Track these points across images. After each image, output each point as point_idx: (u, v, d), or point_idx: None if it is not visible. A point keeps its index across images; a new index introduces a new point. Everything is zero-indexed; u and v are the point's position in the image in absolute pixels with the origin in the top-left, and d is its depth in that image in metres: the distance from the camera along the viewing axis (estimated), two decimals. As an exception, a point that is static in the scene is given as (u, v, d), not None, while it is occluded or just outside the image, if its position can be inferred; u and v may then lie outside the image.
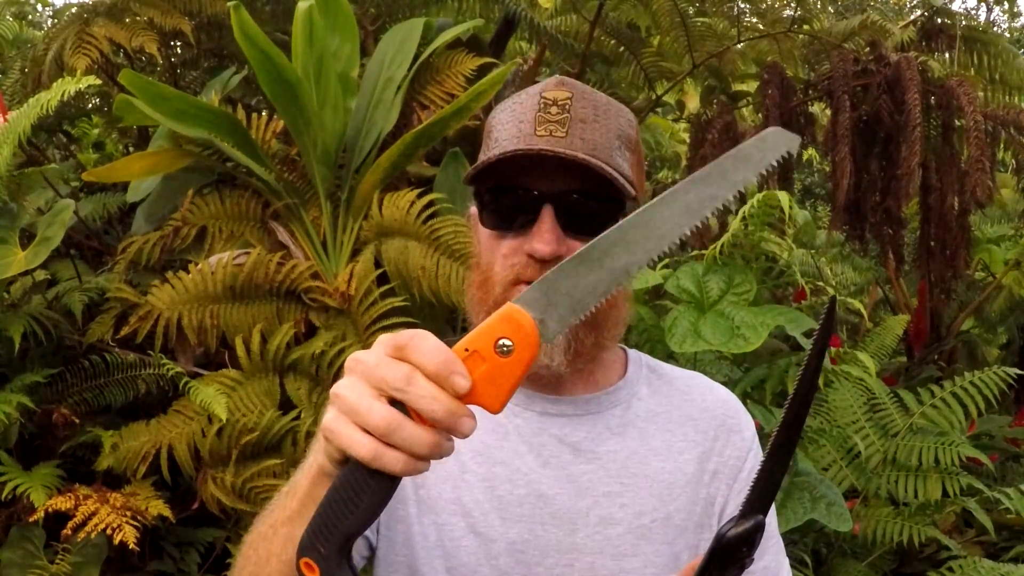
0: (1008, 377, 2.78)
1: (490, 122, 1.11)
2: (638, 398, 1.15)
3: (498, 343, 0.76)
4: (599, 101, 1.08)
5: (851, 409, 2.91)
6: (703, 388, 1.19)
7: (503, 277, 1.06)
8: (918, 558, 3.00)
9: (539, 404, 1.12)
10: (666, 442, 1.12)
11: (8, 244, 2.44)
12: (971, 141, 3.26)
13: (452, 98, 2.73)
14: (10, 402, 2.25)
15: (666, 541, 1.08)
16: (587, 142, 1.04)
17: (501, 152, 1.03)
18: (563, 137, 1.03)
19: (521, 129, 1.05)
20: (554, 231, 1.03)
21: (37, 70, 2.96)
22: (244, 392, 2.43)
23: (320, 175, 2.57)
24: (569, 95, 1.07)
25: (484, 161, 1.05)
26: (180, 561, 2.54)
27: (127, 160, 2.81)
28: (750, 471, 1.12)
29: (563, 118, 1.04)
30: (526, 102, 1.08)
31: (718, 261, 2.45)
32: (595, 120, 1.06)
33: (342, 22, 2.67)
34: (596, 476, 1.08)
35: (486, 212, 1.08)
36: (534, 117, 1.05)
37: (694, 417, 1.15)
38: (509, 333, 0.76)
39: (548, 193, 1.04)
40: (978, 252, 4.27)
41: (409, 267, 2.45)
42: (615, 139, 1.06)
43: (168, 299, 2.46)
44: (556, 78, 1.10)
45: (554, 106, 1.05)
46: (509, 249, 1.06)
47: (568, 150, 1.02)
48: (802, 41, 3.57)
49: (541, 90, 1.08)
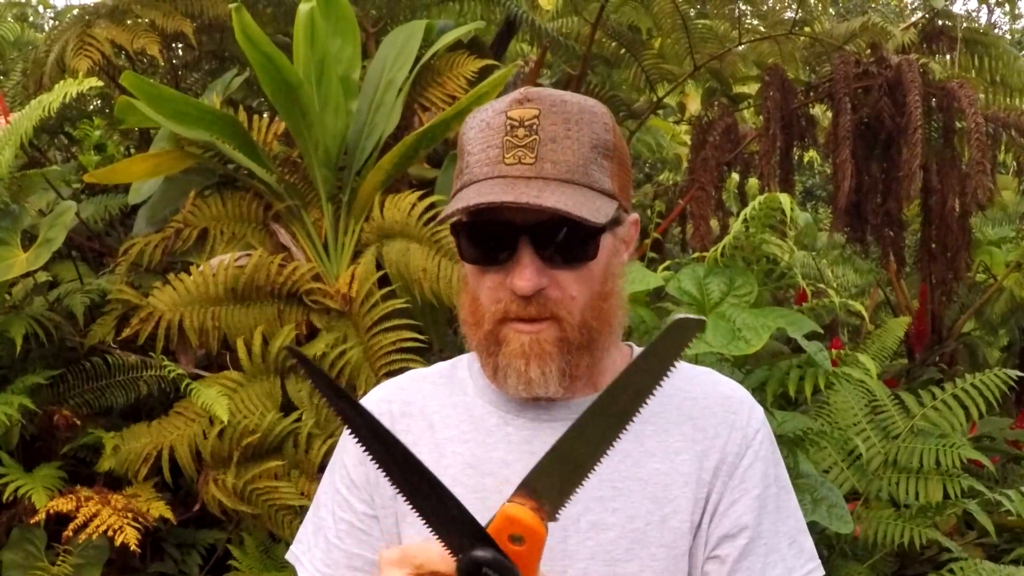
0: (1009, 379, 2.78)
1: (462, 137, 1.07)
2: None
3: (511, 537, 0.88)
4: (570, 111, 1.03)
5: (852, 411, 2.91)
6: (707, 385, 1.15)
7: (491, 313, 1.05)
8: (919, 560, 3.00)
9: (531, 412, 1.11)
10: (662, 443, 1.09)
11: (10, 246, 2.44)
12: (972, 143, 3.26)
13: (453, 100, 2.73)
14: (11, 403, 2.26)
15: (663, 544, 1.06)
16: (559, 164, 1.00)
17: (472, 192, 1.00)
18: (532, 164, 0.99)
19: (489, 155, 1.01)
20: (532, 265, 1.01)
21: (39, 72, 2.96)
22: (245, 394, 2.43)
23: (321, 177, 2.57)
24: (536, 112, 1.01)
25: (455, 208, 1.01)
26: (181, 563, 2.55)
27: (129, 162, 2.82)
28: (747, 467, 1.09)
29: (531, 141, 1.00)
30: (493, 123, 1.03)
31: (719, 263, 2.45)
32: (567, 136, 1.01)
33: (343, 24, 2.67)
34: (588, 482, 1.03)
35: (464, 247, 1.06)
36: (502, 142, 1.01)
37: (694, 416, 1.11)
38: (518, 529, 0.88)
39: (524, 225, 1.00)
40: (979, 254, 4.26)
41: (410, 269, 2.46)
42: (590, 151, 1.02)
43: (169, 301, 2.46)
44: (520, 92, 1.04)
45: (520, 128, 1.01)
46: (493, 283, 1.04)
47: (540, 177, 0.99)
48: (803, 43, 3.57)
49: (506, 108, 1.03)
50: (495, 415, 1.11)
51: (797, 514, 1.14)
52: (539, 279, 1.01)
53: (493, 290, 1.05)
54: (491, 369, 1.08)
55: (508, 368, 1.05)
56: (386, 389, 1.20)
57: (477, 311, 1.07)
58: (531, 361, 1.04)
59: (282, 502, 2.35)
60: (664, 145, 4.63)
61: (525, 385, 1.05)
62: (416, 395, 1.17)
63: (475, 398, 1.13)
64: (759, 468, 1.09)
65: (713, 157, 3.39)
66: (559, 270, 1.03)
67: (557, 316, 1.04)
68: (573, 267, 1.03)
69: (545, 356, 1.04)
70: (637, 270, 2.42)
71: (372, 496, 1.14)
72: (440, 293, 2.41)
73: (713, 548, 1.08)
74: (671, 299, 2.53)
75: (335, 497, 1.17)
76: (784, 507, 1.12)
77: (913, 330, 4.01)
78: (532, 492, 0.90)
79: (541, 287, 1.02)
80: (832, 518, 2.32)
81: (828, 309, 2.89)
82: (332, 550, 1.15)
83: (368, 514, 1.14)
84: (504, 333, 1.05)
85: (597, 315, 1.06)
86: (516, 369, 1.04)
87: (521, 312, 1.03)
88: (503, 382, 1.06)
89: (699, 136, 3.58)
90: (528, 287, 1.01)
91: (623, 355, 1.17)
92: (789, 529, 1.11)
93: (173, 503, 2.40)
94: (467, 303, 1.10)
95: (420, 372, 1.22)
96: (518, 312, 1.03)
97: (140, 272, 2.64)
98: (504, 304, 1.04)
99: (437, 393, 1.17)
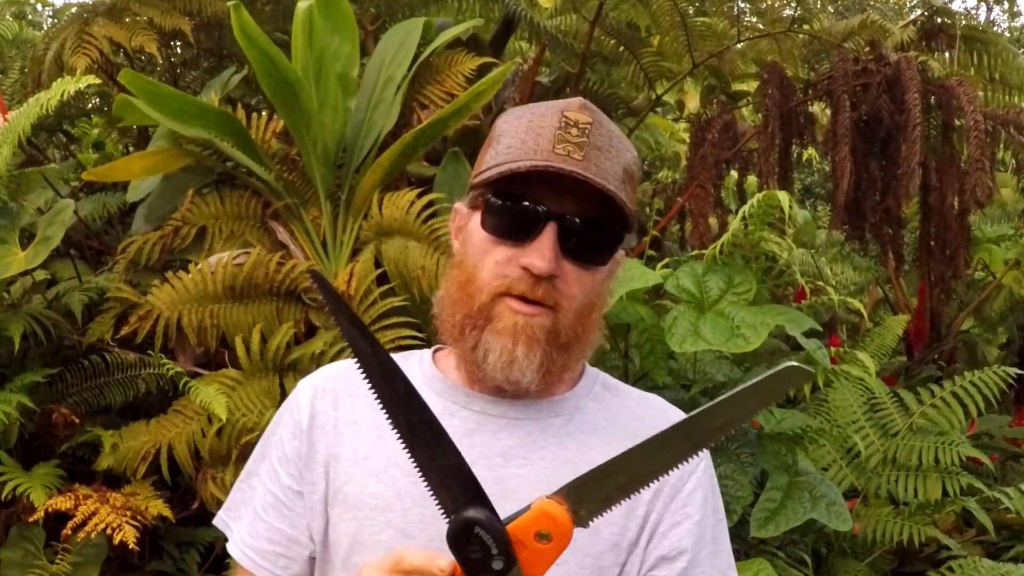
0: (1008, 377, 2.79)
1: (501, 126, 1.10)
2: (583, 412, 1.14)
3: (538, 533, 0.88)
4: (613, 133, 1.09)
5: (851, 409, 2.92)
6: (654, 408, 1.18)
7: (492, 286, 1.06)
8: (918, 558, 3.00)
9: (478, 403, 1.12)
10: (604, 454, 1.04)
11: (8, 244, 2.44)
12: (971, 141, 3.26)
13: (452, 98, 2.73)
14: (10, 402, 2.25)
15: (591, 554, 1.06)
16: (601, 170, 1.04)
17: (529, 162, 1.03)
18: (580, 160, 1.03)
19: (539, 143, 1.04)
20: (554, 250, 1.03)
21: (37, 70, 2.96)
22: (244, 392, 2.43)
23: (320, 175, 2.57)
24: (590, 121, 1.06)
25: (509, 168, 1.04)
26: (180, 561, 2.55)
27: (127, 160, 2.81)
28: (690, 492, 1.10)
29: (582, 141, 1.04)
30: (546, 115, 1.07)
31: (718, 261, 2.45)
32: (609, 149, 1.06)
33: (342, 22, 2.67)
34: (525, 480, 1.07)
35: (489, 215, 1.07)
36: (553, 134, 1.04)
37: (639, 435, 1.06)
38: (548, 526, 0.89)
39: (555, 212, 1.04)
40: (978, 252, 4.27)
41: (409, 267, 2.45)
42: (622, 172, 1.07)
43: (168, 299, 2.46)
44: (579, 101, 1.09)
45: (575, 128, 1.05)
46: (503, 257, 1.06)
47: (586, 173, 1.02)
48: (802, 41, 3.57)
49: (564, 108, 1.07)
50: (440, 404, 1.11)
51: (729, 549, 1.16)
52: (555, 265, 1.04)
53: (501, 264, 1.06)
54: (470, 344, 1.08)
55: (492, 344, 1.06)
56: (338, 367, 1.21)
57: (471, 285, 1.08)
58: (519, 342, 1.05)
59: (281, 500, 2.35)
60: (663, 143, 4.63)
61: (506, 364, 1.05)
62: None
63: (421, 387, 1.12)
64: (700, 495, 1.11)
65: (712, 155, 3.39)
66: (572, 265, 1.05)
67: (558, 307, 1.06)
68: (584, 266, 1.07)
69: (533, 342, 1.05)
70: (636, 267, 2.42)
71: (301, 472, 1.14)
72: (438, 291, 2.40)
73: (650, 568, 1.09)
74: (670, 297, 2.53)
75: (267, 469, 1.18)
76: (719, 540, 1.14)
77: (912, 328, 4.02)
78: (573, 494, 0.90)
79: (555, 273, 1.04)
80: (831, 516, 2.32)
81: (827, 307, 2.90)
82: (256, 521, 1.16)
83: (293, 489, 1.15)
84: (498, 309, 1.06)
85: (584, 323, 1.09)
86: (502, 347, 1.05)
87: (527, 292, 1.04)
88: (482, 359, 1.06)
89: (698, 134, 3.58)
90: (547, 268, 1.03)
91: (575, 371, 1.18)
92: (721, 563, 1.13)
93: (172, 501, 2.40)
94: (460, 278, 1.10)
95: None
96: (523, 291, 1.04)
97: (138, 270, 2.63)
98: (510, 280, 1.05)
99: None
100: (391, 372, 0.93)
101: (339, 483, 1.12)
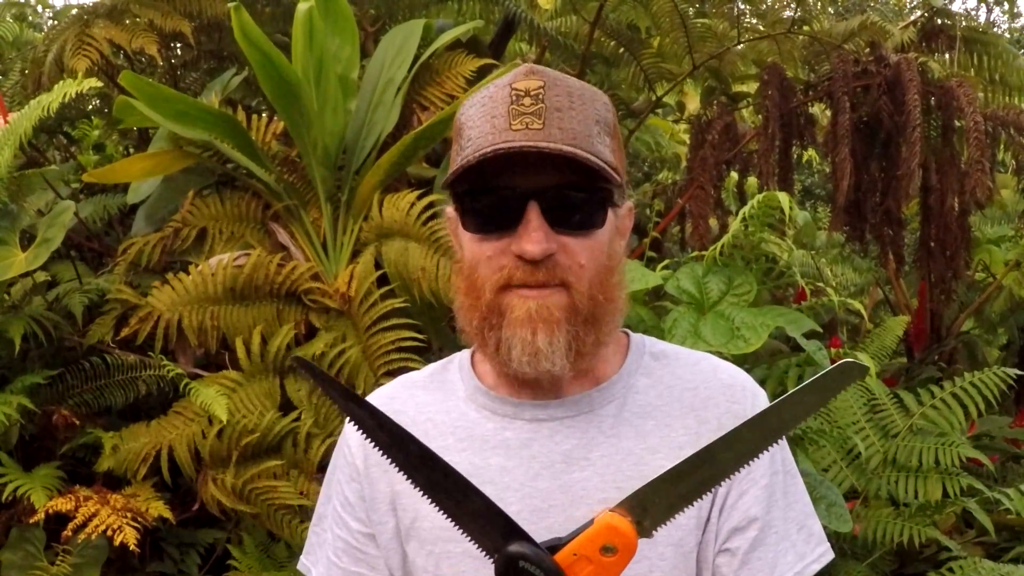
0: (1008, 378, 2.78)
1: (460, 120, 1.05)
2: (635, 391, 1.10)
3: (604, 547, 0.89)
4: (573, 87, 1.02)
5: (851, 410, 2.91)
6: (707, 373, 1.13)
7: (492, 281, 1.01)
8: (918, 559, 2.99)
9: (528, 412, 1.08)
10: (664, 437, 1.07)
11: (8, 246, 2.44)
12: (971, 142, 3.26)
13: (452, 99, 2.73)
14: (10, 403, 2.26)
15: (671, 543, 1.04)
16: (566, 132, 0.98)
17: (477, 151, 0.98)
18: (540, 129, 0.97)
19: (495, 124, 0.99)
20: (542, 229, 0.98)
21: (37, 72, 2.96)
22: (244, 393, 2.43)
23: (320, 176, 2.57)
24: (541, 84, 1.00)
25: (462, 164, 0.99)
26: (180, 562, 2.55)
27: (127, 161, 2.82)
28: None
29: (538, 108, 0.98)
30: (496, 95, 1.01)
31: (718, 262, 2.45)
32: (571, 107, 1.00)
33: (342, 23, 2.67)
34: (591, 483, 1.04)
35: (467, 215, 1.03)
36: (507, 110, 0.99)
37: (696, 407, 1.08)
38: (613, 539, 0.89)
39: (532, 190, 0.99)
40: (978, 253, 4.26)
41: (409, 268, 2.46)
42: (593, 125, 1.01)
43: (168, 300, 2.46)
44: (525, 66, 1.04)
45: (527, 97, 0.99)
46: (495, 251, 1.01)
47: (547, 142, 0.96)
48: (802, 42, 3.57)
49: (511, 81, 1.01)
50: (491, 420, 1.09)
51: (804, 497, 1.13)
52: (548, 244, 0.99)
53: (494, 258, 1.01)
54: (493, 345, 1.03)
55: (513, 339, 1.01)
56: (376, 399, 1.17)
57: (475, 285, 1.04)
58: (538, 329, 1.00)
59: (281, 501, 2.36)
60: (663, 144, 4.63)
61: (531, 357, 1.01)
62: (407, 404, 1.14)
63: (467, 402, 1.11)
64: (765, 456, 1.05)
65: (712, 156, 3.38)
66: (567, 236, 1.00)
67: (567, 282, 1.01)
68: (581, 234, 1.01)
69: (552, 323, 1.00)
70: (636, 269, 2.42)
71: (368, 514, 1.13)
72: (439, 292, 2.41)
73: (724, 541, 1.07)
74: (670, 298, 2.53)
75: (332, 513, 1.17)
76: (791, 492, 1.11)
77: (912, 329, 4.02)
78: (637, 506, 0.90)
79: (551, 251, 0.99)
80: (831, 517, 2.32)
81: (827, 308, 2.89)
82: (332, 567, 1.16)
83: (363, 532, 1.14)
84: (508, 301, 1.01)
85: (603, 289, 1.04)
86: (522, 339, 1.00)
87: (528, 278, 1.00)
88: (507, 357, 1.02)
89: (698, 135, 3.58)
90: (538, 250, 0.98)
91: (620, 344, 1.14)
92: (797, 515, 1.11)
93: (172, 503, 2.40)
94: (463, 285, 1.06)
95: (411, 378, 1.20)
96: (524, 278, 1.00)
97: (139, 272, 2.64)
98: (508, 271, 1.01)
99: (429, 400, 1.14)
100: (400, 437, 0.92)
101: (409, 518, 1.10)
